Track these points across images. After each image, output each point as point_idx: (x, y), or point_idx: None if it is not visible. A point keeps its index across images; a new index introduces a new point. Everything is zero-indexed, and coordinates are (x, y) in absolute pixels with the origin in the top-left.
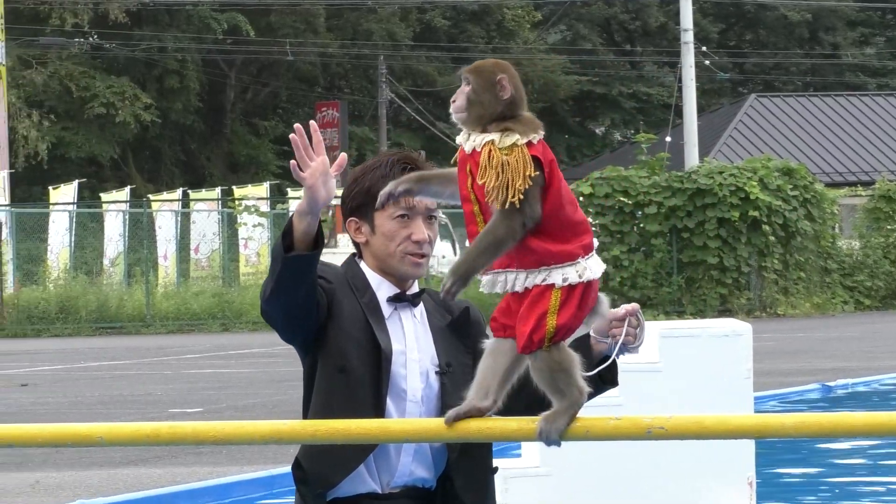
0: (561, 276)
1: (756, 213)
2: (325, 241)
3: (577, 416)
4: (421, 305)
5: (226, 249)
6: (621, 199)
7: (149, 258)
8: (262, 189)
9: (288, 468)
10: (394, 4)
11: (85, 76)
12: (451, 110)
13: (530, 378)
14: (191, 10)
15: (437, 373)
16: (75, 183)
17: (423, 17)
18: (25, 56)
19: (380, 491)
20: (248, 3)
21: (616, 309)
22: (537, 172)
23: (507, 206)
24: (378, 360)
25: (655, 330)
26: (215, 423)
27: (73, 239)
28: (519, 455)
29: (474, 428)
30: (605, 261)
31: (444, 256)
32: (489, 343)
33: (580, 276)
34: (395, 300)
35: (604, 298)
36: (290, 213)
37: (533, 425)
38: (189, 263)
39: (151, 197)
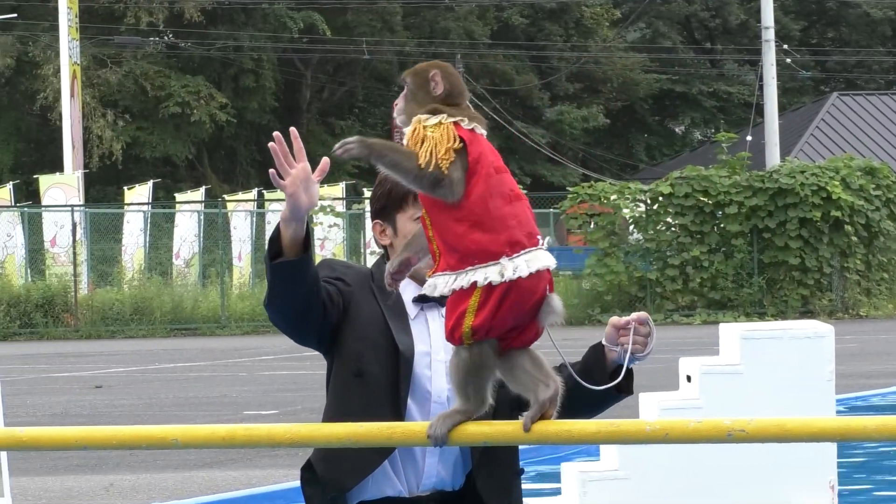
0: (483, 275)
1: (838, 213)
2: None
3: (654, 419)
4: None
5: None
6: (701, 198)
7: (224, 259)
8: (338, 189)
9: None
10: (471, 3)
11: (160, 75)
12: (394, 115)
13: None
14: (267, 8)
15: None
16: (150, 183)
17: (500, 15)
18: (100, 55)
19: (407, 494)
20: (325, 2)
21: (620, 318)
22: (460, 146)
23: (430, 168)
24: (396, 362)
25: (736, 332)
26: (290, 426)
27: (147, 239)
28: (598, 458)
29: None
30: (684, 262)
31: None
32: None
33: (502, 277)
34: (420, 300)
35: (554, 297)
36: (299, 219)
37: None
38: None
39: (226, 197)
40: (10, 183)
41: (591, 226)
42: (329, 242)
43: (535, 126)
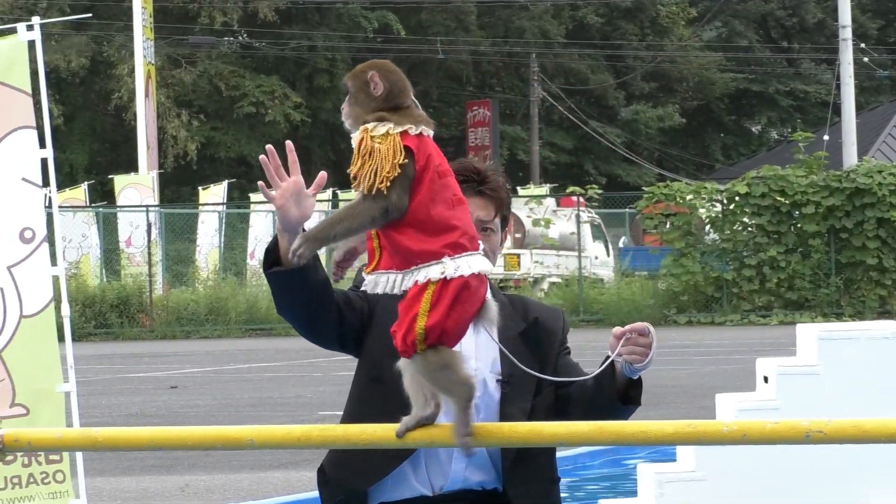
0: (424, 275)
1: None
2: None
3: (731, 420)
4: (492, 312)
5: None
6: (778, 198)
7: None
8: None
9: None
10: (546, 2)
11: (234, 75)
12: (342, 118)
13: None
14: (341, 8)
15: (497, 381)
16: (224, 183)
17: (575, 14)
18: (175, 55)
19: (430, 494)
20: (399, 1)
21: (621, 328)
22: (406, 161)
23: (372, 192)
24: None
25: (813, 332)
26: (366, 427)
27: (222, 240)
28: (674, 459)
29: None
30: (761, 262)
31: (596, 257)
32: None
33: (443, 274)
34: None
35: (491, 303)
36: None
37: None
38: None
39: None
40: (86, 183)
41: (667, 226)
42: None
43: (611, 126)
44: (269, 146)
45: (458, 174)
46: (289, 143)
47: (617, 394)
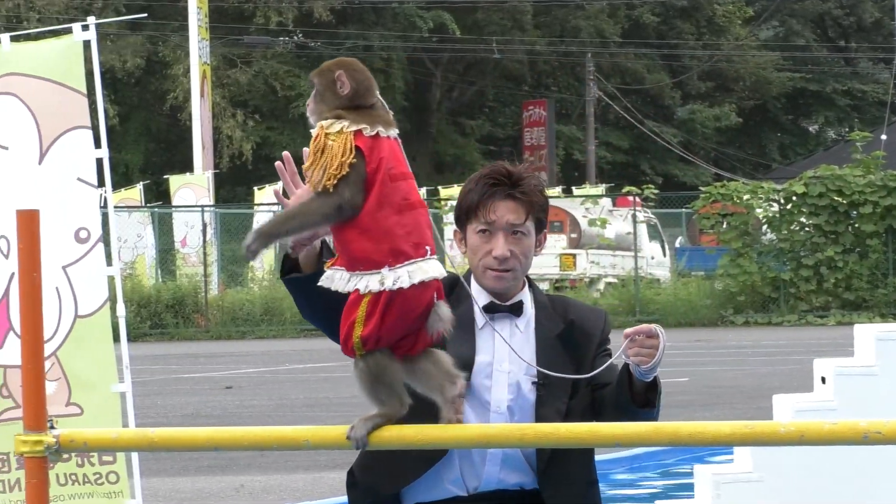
0: (364, 284)
1: None
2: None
3: (788, 421)
4: (528, 314)
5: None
6: (835, 198)
7: None
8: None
9: None
10: (602, 1)
11: (289, 75)
12: (308, 114)
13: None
14: (396, 7)
15: (533, 383)
16: (279, 183)
17: (631, 13)
18: (230, 55)
19: (464, 494)
20: (455, 1)
21: (628, 329)
22: (356, 160)
23: (319, 189)
24: None
25: (871, 332)
26: (421, 427)
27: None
28: (731, 460)
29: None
30: (818, 262)
31: (653, 257)
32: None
33: (382, 286)
34: (488, 310)
35: (442, 305)
36: None
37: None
38: None
39: None
40: (141, 183)
41: (724, 226)
42: None
43: (667, 125)
44: (285, 153)
45: (489, 178)
46: (286, 154)
47: (634, 397)
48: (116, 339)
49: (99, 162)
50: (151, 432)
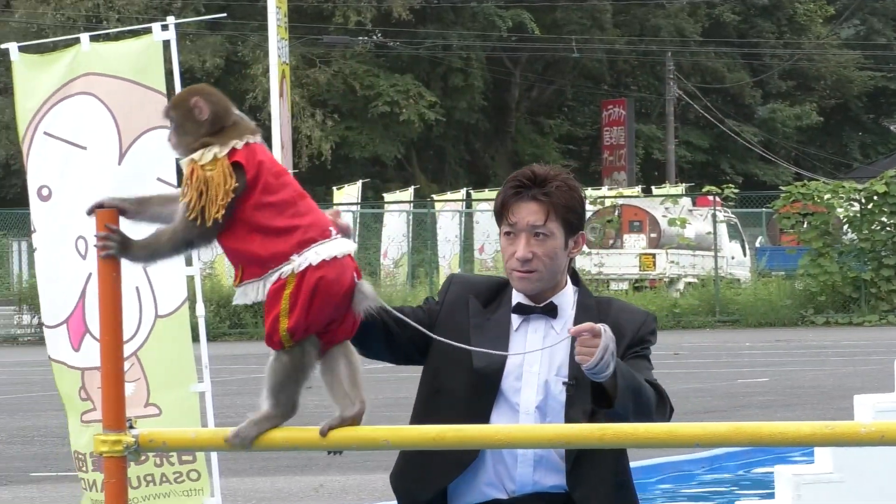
0: (278, 275)
1: None
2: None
3: (869, 421)
4: (567, 315)
5: None
6: None
7: (432, 259)
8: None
9: None
10: (682, 0)
11: (369, 75)
12: (171, 149)
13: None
14: (476, 7)
15: (563, 384)
16: (359, 183)
17: (711, 12)
18: (309, 55)
19: (504, 497)
20: (534, 0)
21: (573, 327)
22: (237, 184)
23: (208, 222)
24: (474, 379)
25: None
26: (501, 427)
27: (356, 240)
28: (812, 461)
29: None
30: None
31: (733, 257)
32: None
33: (292, 270)
34: (522, 311)
35: (364, 283)
36: None
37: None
38: (473, 264)
39: (435, 197)
40: None
41: (805, 225)
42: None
43: (747, 124)
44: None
45: (514, 180)
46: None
47: (594, 396)
48: (196, 338)
49: (178, 162)
50: (230, 432)
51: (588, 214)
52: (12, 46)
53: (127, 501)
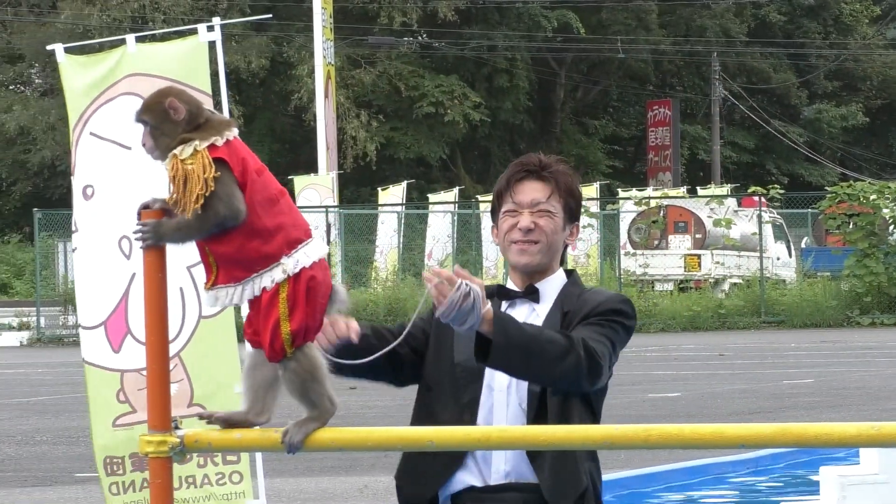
0: (269, 279)
1: None
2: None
3: (894, 423)
4: (550, 299)
5: None
6: None
7: (477, 259)
8: (592, 189)
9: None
10: (728, 0)
11: (414, 75)
12: (146, 153)
13: None
14: (521, 7)
15: None
16: (404, 184)
17: (758, 12)
18: (354, 56)
19: (480, 484)
20: (579, 0)
21: (428, 272)
22: (219, 173)
23: (193, 214)
24: (457, 372)
25: None
26: (546, 427)
27: (401, 240)
28: (857, 462)
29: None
30: None
31: (778, 258)
32: (250, 355)
33: (285, 274)
34: (503, 296)
35: (338, 285)
36: None
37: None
38: None
39: (479, 198)
40: None
41: (851, 226)
42: (582, 243)
43: (793, 125)
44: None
45: (518, 164)
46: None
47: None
48: (240, 339)
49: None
50: (275, 433)
51: (633, 215)
52: (58, 48)
53: (172, 502)
